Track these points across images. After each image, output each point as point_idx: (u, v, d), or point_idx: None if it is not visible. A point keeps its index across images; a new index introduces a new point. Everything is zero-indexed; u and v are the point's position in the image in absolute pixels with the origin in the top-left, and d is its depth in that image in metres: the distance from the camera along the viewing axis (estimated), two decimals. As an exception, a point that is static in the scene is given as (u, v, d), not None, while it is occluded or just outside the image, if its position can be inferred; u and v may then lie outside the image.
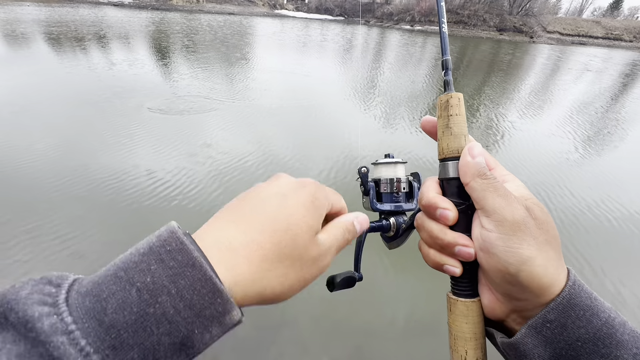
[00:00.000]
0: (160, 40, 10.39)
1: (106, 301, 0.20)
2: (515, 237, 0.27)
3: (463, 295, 0.32)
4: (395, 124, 4.69)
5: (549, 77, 9.76)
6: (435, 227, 0.32)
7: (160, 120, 4.16)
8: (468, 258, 0.30)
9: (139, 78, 5.88)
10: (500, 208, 0.28)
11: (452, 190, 0.32)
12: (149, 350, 0.20)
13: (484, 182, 0.29)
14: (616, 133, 5.28)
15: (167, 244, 0.22)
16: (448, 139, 0.33)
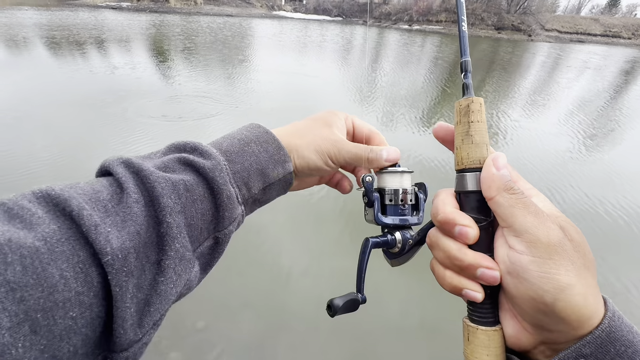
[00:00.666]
0: (161, 43, 10.43)
1: (221, 144, 0.35)
2: (552, 261, 0.24)
3: (483, 323, 0.28)
4: (395, 124, 4.72)
5: (548, 75, 9.80)
6: (454, 246, 0.29)
7: (163, 125, 4.20)
8: (493, 282, 0.27)
9: (141, 82, 5.92)
10: (532, 227, 0.25)
11: (471, 205, 0.29)
12: (246, 167, 0.34)
13: (511, 198, 0.26)
14: (623, 128, 5.31)
15: (252, 125, 0.39)
16: (468, 148, 0.29)
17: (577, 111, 6.07)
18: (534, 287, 0.24)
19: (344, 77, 7.52)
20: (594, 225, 2.71)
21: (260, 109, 4.86)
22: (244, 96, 5.46)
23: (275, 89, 5.98)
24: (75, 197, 0.23)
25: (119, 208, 0.25)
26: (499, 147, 4.17)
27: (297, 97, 5.72)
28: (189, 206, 0.28)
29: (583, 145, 4.45)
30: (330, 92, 6.31)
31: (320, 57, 10.01)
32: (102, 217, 0.24)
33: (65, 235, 0.22)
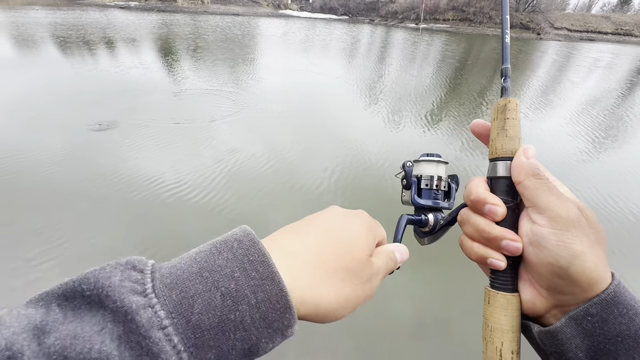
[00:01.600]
0: (174, 42, 10.57)
1: (193, 299, 0.21)
2: (569, 232, 0.28)
3: (503, 289, 0.32)
4: (401, 123, 4.75)
5: (557, 74, 9.71)
6: (482, 222, 0.33)
7: (174, 128, 4.28)
8: (515, 252, 0.31)
9: (157, 81, 6.03)
10: (554, 205, 0.29)
11: (501, 189, 0.33)
12: (224, 353, 0.21)
13: (538, 181, 0.30)
14: (634, 128, 5.27)
15: (249, 253, 0.24)
16: (503, 140, 0.34)
17: (587, 110, 6.03)
18: (552, 254, 0.28)
19: (353, 76, 7.55)
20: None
21: (271, 110, 4.93)
22: (255, 95, 5.54)
23: (286, 89, 6.04)
24: None
25: None
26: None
27: (307, 99, 5.77)
28: None
29: (593, 144, 4.45)
30: (339, 91, 6.35)
31: (330, 56, 10.06)
32: None
33: None
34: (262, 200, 2.76)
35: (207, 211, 2.60)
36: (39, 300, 0.20)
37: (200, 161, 3.27)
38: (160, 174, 2.99)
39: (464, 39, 17.09)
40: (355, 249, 0.29)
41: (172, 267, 0.22)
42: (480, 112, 5.49)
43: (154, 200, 2.67)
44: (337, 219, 0.31)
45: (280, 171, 3.20)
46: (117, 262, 0.21)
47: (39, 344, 0.18)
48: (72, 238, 2.28)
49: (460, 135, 4.40)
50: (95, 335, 0.18)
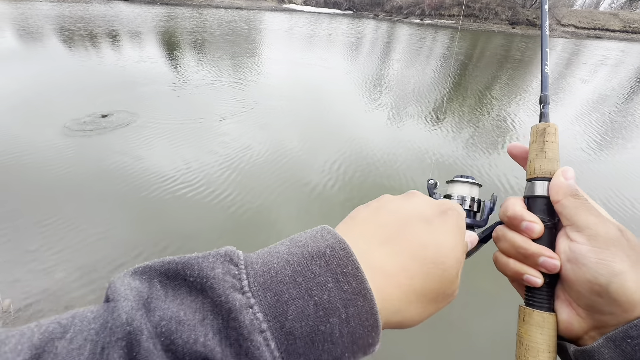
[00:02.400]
0: (181, 37, 10.57)
1: (287, 305, 0.20)
2: (609, 251, 0.27)
3: (539, 308, 0.31)
4: (404, 119, 4.76)
5: (564, 72, 9.64)
6: (519, 238, 0.32)
7: (182, 124, 4.31)
8: (552, 269, 0.30)
9: (166, 76, 6.05)
10: (593, 224, 0.29)
11: (538, 208, 0.33)
12: None
13: (576, 201, 0.30)
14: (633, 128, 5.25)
15: (343, 264, 0.22)
16: (541, 161, 0.34)
17: (594, 109, 6.01)
18: (591, 271, 0.27)
19: (360, 71, 7.54)
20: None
21: (279, 107, 4.95)
22: (264, 92, 5.56)
23: (294, 84, 6.05)
24: None
25: None
26: (507, 144, 4.20)
27: (314, 95, 5.78)
28: None
29: (596, 144, 4.44)
30: (347, 86, 6.35)
31: (336, 51, 10.02)
32: None
33: None
34: (270, 195, 2.80)
35: (213, 205, 2.65)
36: (142, 274, 0.21)
37: (207, 157, 3.31)
38: (168, 170, 3.04)
39: (469, 35, 16.94)
40: (446, 269, 0.27)
41: (263, 264, 0.22)
42: (485, 110, 5.48)
43: (162, 196, 2.71)
44: (421, 223, 0.28)
45: (288, 167, 3.23)
46: (217, 252, 0.22)
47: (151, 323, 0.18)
48: (78, 230, 2.33)
49: (464, 131, 4.41)
50: (199, 325, 0.19)
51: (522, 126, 4.77)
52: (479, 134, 4.38)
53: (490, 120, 4.94)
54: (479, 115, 5.19)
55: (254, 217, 2.54)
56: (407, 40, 14.23)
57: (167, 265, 0.21)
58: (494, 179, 3.29)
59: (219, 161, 3.21)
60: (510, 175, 3.38)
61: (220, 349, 0.18)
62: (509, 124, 4.84)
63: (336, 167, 3.26)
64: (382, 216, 0.29)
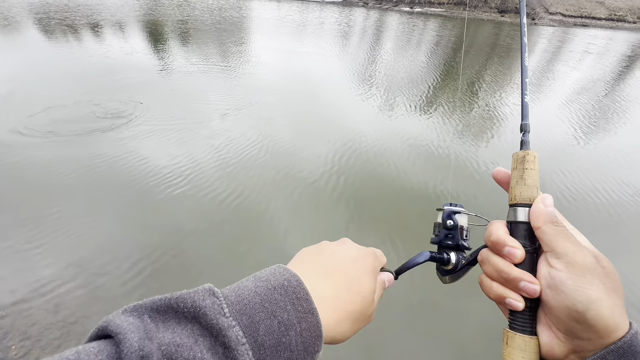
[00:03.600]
0: (167, 26, 10.25)
1: (258, 324, 0.27)
2: (585, 279, 0.29)
3: (521, 331, 0.33)
4: (395, 108, 4.76)
5: (553, 60, 9.74)
6: (502, 262, 0.34)
7: (174, 123, 4.22)
8: (533, 294, 0.31)
9: (155, 68, 5.89)
10: (571, 252, 0.30)
11: (520, 233, 0.35)
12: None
13: (555, 228, 0.32)
14: (623, 113, 5.37)
15: (296, 292, 0.30)
16: (521, 188, 0.36)
17: (579, 96, 6.11)
18: (569, 298, 0.29)
19: (351, 61, 7.47)
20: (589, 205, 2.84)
21: (269, 99, 4.88)
22: (254, 84, 5.47)
23: (285, 74, 5.97)
24: None
25: None
26: (500, 132, 4.25)
27: (305, 86, 5.71)
28: None
29: (583, 130, 4.53)
30: (337, 76, 6.30)
31: (328, 40, 9.89)
32: None
33: None
34: (262, 188, 2.79)
35: (207, 200, 2.62)
36: (132, 311, 0.25)
37: (198, 151, 3.26)
38: (159, 165, 2.98)
39: (458, 23, 16.90)
40: (365, 297, 0.36)
41: (237, 296, 0.28)
42: (473, 100, 5.52)
43: (152, 190, 2.67)
44: (351, 262, 0.38)
45: (278, 159, 3.21)
46: (203, 288, 0.27)
47: (157, 348, 0.22)
48: (66, 228, 2.28)
49: (452, 121, 4.44)
50: (194, 346, 0.24)
51: (510, 117, 4.83)
52: (470, 122, 4.41)
53: (480, 109, 4.97)
54: (468, 103, 5.23)
55: (248, 209, 2.52)
56: (397, 29, 14.12)
57: (158, 302, 0.26)
58: (483, 167, 3.33)
59: (212, 155, 3.17)
60: (496, 164, 3.43)
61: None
62: (498, 112, 4.89)
63: (330, 157, 3.25)
64: (323, 258, 0.38)
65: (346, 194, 2.77)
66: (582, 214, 2.79)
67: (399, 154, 3.44)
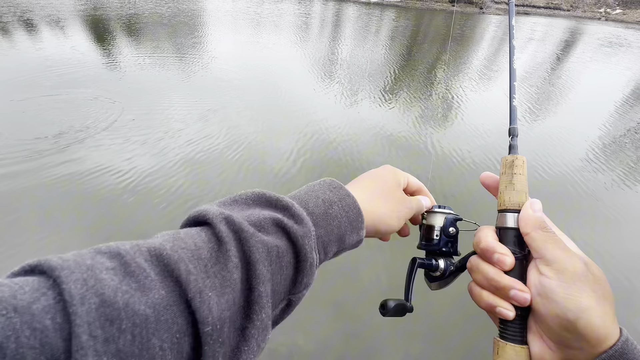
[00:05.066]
0: (111, 22, 9.47)
1: (307, 202, 0.35)
2: (575, 286, 0.28)
3: (512, 340, 0.32)
4: (358, 99, 4.81)
5: (499, 47, 10.34)
6: (491, 270, 0.33)
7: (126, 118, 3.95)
8: (523, 303, 0.31)
9: (101, 69, 5.44)
10: (561, 259, 0.29)
11: (509, 239, 0.34)
12: (326, 232, 0.34)
13: (544, 234, 0.31)
14: (559, 96, 5.83)
15: (332, 184, 0.39)
16: (510, 193, 0.35)
17: (524, 80, 6.55)
18: (560, 306, 0.28)
19: (309, 53, 7.40)
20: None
21: (228, 93, 4.72)
22: (209, 78, 5.25)
23: (241, 68, 5.79)
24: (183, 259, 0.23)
25: (217, 269, 0.25)
26: (455, 117, 4.45)
27: (264, 79, 5.58)
28: (277, 273, 0.29)
29: (528, 111, 4.88)
30: (296, 68, 6.22)
31: (283, 33, 9.71)
32: (204, 279, 0.24)
33: (170, 301, 0.22)
34: (229, 185, 2.70)
35: (163, 202, 2.49)
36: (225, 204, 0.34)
37: (155, 152, 3.08)
38: (114, 167, 2.78)
39: (413, 13, 17.37)
40: (385, 180, 0.43)
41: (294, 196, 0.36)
42: (431, 87, 5.71)
43: (110, 194, 2.49)
44: (379, 171, 0.45)
45: (243, 153, 3.12)
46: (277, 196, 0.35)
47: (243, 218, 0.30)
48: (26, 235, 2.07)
49: (413, 108, 4.58)
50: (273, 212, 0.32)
51: (466, 100, 5.07)
52: (428, 108, 4.58)
53: (438, 96, 5.17)
54: (426, 90, 5.41)
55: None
56: (355, 20, 14.22)
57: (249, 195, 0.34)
58: (445, 151, 3.48)
59: (173, 154, 3.00)
60: (457, 147, 3.60)
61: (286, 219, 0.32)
62: (455, 98, 5.12)
63: (296, 150, 3.22)
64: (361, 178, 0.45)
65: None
66: (536, 190, 3.02)
67: (365, 143, 3.49)
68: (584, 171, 3.41)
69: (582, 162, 3.57)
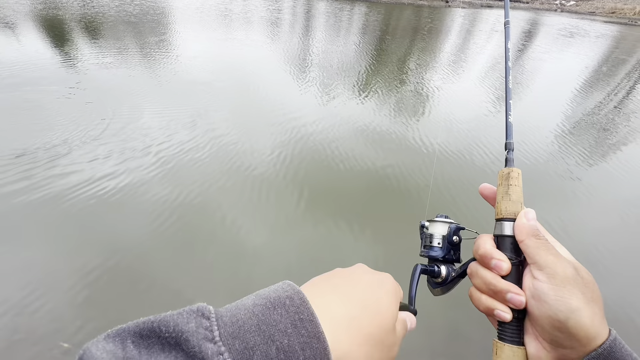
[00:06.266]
0: (59, 21, 8.92)
1: (253, 350, 0.22)
2: (565, 289, 0.30)
3: (510, 342, 0.34)
4: (333, 94, 4.85)
5: (465, 39, 10.70)
6: (489, 275, 0.35)
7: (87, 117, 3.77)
8: (519, 305, 0.33)
9: (63, 73, 5.12)
10: (552, 264, 0.32)
11: (506, 246, 0.36)
12: None
13: (537, 241, 0.33)
14: (525, 84, 6.14)
15: (300, 311, 0.25)
16: (507, 203, 0.37)
17: (490, 72, 6.84)
18: (552, 308, 0.30)
19: (282, 50, 7.33)
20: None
21: (201, 94, 4.60)
22: (182, 78, 5.09)
23: (213, 67, 5.65)
24: None
25: None
26: (427, 110, 4.58)
27: (237, 77, 5.48)
28: None
29: (495, 102, 5.11)
30: (270, 65, 6.15)
31: (255, 29, 9.55)
32: None
33: None
34: (210, 188, 2.66)
35: (147, 208, 2.43)
36: (115, 337, 0.22)
37: (129, 159, 2.97)
38: (90, 175, 2.66)
39: (382, 7, 17.59)
40: (384, 319, 0.31)
41: (232, 316, 0.24)
42: (403, 80, 5.84)
43: (87, 202, 2.38)
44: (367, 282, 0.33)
45: (220, 155, 3.08)
46: (190, 309, 0.23)
47: None
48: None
49: (387, 102, 4.67)
50: None
51: (439, 91, 5.23)
52: (402, 101, 4.69)
53: (410, 88, 5.30)
54: (399, 84, 5.54)
55: (196, 211, 2.40)
56: (326, 15, 14.22)
57: (141, 325, 0.22)
58: (419, 142, 3.59)
59: (148, 162, 2.91)
60: (431, 138, 3.72)
61: None
62: (427, 90, 5.27)
63: (277, 151, 3.21)
64: (336, 279, 0.33)
65: (298, 182, 2.78)
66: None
67: (344, 138, 3.54)
68: (552, 153, 3.63)
69: (551, 146, 3.80)
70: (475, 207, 2.67)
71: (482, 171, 3.19)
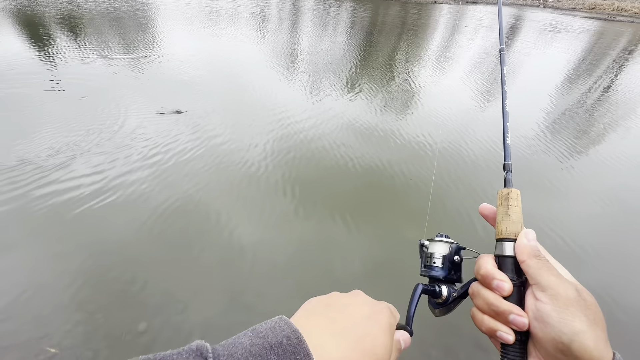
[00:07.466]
0: (41, 19, 8.63)
1: None
2: (569, 311, 0.29)
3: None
4: (322, 92, 4.84)
5: (451, 35, 10.81)
6: (491, 296, 0.35)
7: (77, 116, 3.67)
8: (522, 327, 0.32)
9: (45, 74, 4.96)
10: (554, 285, 0.31)
11: (507, 267, 0.36)
12: None
13: (539, 262, 0.33)
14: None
15: (296, 351, 0.26)
16: (507, 224, 0.37)
17: (476, 67, 6.93)
18: (555, 330, 0.30)
19: (270, 47, 7.27)
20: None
21: (190, 93, 4.53)
22: (170, 77, 5.00)
23: (202, 66, 5.57)
24: None
25: None
26: (415, 104, 4.62)
27: (227, 76, 5.42)
28: None
29: (482, 95, 5.19)
30: (259, 63, 6.10)
31: (242, 27, 9.44)
32: None
33: None
34: (202, 188, 2.63)
35: (139, 208, 2.39)
36: None
37: (118, 160, 2.92)
38: (82, 178, 2.60)
39: (369, 3, 17.61)
40: (380, 358, 0.31)
41: (229, 355, 0.25)
42: (392, 77, 5.87)
43: (81, 209, 2.33)
44: (362, 318, 0.33)
45: (210, 154, 3.05)
46: (190, 348, 0.24)
47: None
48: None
49: (375, 98, 4.70)
50: None
51: (426, 86, 5.28)
52: (391, 97, 4.72)
53: (398, 84, 5.34)
54: (387, 81, 5.57)
55: (190, 212, 2.37)
56: (313, 12, 14.15)
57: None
58: (410, 139, 3.63)
59: (139, 163, 2.86)
60: (419, 134, 3.76)
61: None
62: (415, 86, 5.32)
63: (268, 147, 3.19)
64: (332, 311, 0.33)
65: (289, 178, 2.78)
66: (488, 164, 3.25)
67: (334, 134, 3.55)
68: (533, 147, 3.72)
69: (532, 140, 3.89)
70: (465, 208, 2.72)
71: (475, 165, 3.25)
